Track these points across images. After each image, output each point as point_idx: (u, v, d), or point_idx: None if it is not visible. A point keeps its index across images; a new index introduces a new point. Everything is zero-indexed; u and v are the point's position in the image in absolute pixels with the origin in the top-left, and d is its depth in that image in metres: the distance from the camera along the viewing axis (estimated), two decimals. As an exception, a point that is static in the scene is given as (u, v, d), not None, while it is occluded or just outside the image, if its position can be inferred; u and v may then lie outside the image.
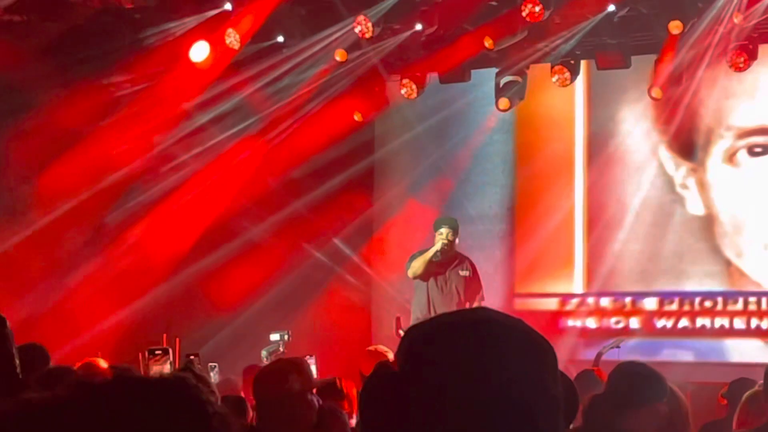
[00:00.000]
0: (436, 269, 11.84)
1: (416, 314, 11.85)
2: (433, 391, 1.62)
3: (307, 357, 10.28)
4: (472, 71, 14.09)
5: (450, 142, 14.88)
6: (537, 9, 12.10)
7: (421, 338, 1.70)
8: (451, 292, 11.72)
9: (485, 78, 14.11)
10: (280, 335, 11.32)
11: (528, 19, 12.25)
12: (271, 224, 13.85)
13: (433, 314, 11.39)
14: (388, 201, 15.05)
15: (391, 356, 8.96)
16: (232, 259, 13.52)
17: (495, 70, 13.90)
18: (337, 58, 13.30)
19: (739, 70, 12.60)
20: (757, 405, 6.41)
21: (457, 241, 12.07)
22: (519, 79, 13.78)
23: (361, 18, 12.57)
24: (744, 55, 12.48)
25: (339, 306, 13.95)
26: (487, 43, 12.82)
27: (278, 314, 13.32)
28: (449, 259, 11.90)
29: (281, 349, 10.98)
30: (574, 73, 13.47)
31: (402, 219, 14.72)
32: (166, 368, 9.35)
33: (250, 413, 6.84)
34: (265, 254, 13.63)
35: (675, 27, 12.23)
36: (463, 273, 11.88)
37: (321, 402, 6.03)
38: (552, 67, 13.42)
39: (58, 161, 12.58)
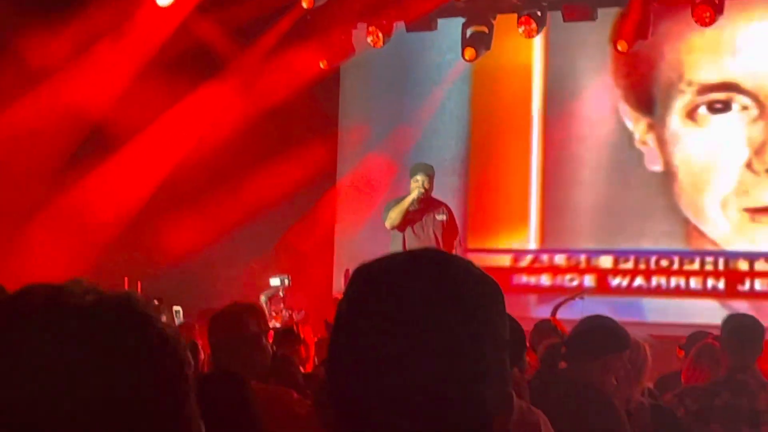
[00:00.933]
0: (413, 217, 11.46)
1: None
2: (375, 330, 1.60)
3: (300, 311, 10.24)
4: (439, 20, 14.07)
5: (414, 92, 14.82)
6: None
7: (366, 275, 1.67)
8: (429, 238, 11.36)
9: (452, 28, 14.07)
10: (281, 279, 11.28)
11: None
12: (233, 171, 13.78)
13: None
14: (351, 151, 14.99)
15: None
16: (192, 205, 13.46)
17: (462, 20, 13.89)
18: (304, 5, 13.24)
19: (704, 24, 12.59)
20: (708, 357, 6.50)
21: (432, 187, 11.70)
22: (485, 29, 13.76)
23: (328, -36, 12.54)
24: (710, 10, 12.48)
25: (300, 255, 13.93)
26: (455, -8, 12.81)
27: (238, 261, 13.32)
28: (426, 205, 11.52)
29: (281, 294, 10.88)
30: (541, 24, 13.45)
31: (364, 169, 14.68)
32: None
33: (202, 356, 6.87)
34: (227, 201, 13.58)
35: (642, -20, 12.24)
36: (440, 218, 11.50)
37: (275, 348, 6.07)
38: (518, 18, 13.40)
39: (17, 104, 12.46)
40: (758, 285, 13.39)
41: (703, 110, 13.70)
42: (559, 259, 14.22)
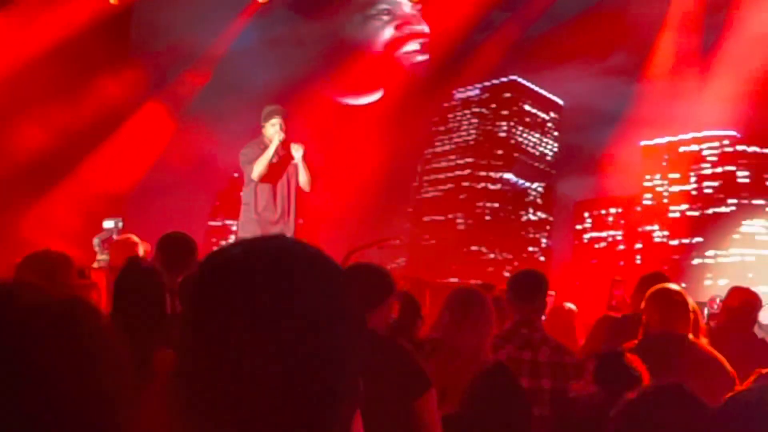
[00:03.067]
0: (278, 168, 10.68)
1: (249, 209, 10.75)
2: (225, 327, 1.61)
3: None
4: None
5: (208, 31, 14.62)
6: None
7: (217, 271, 1.69)
8: (283, 185, 10.70)
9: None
10: (114, 222, 10.99)
11: None
12: (24, 106, 13.40)
13: (262, 207, 10.65)
14: (140, 91, 14.69)
15: (140, 247, 8.92)
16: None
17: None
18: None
19: None
20: (497, 310, 6.73)
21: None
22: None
23: None
24: None
25: (86, 198, 13.65)
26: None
27: (33, 201, 13.02)
28: (285, 150, 10.73)
29: (114, 237, 10.54)
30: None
31: (152, 110, 14.44)
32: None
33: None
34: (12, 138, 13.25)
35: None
36: (295, 161, 10.72)
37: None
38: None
39: None
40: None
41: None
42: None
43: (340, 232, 12.54)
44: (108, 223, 11.14)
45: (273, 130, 10.58)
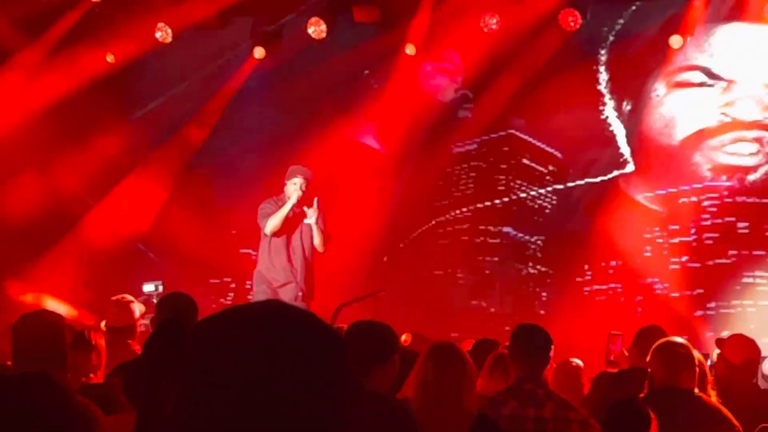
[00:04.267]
0: (291, 225, 11.26)
1: (264, 262, 11.41)
2: (210, 390, 1.62)
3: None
4: (230, 19, 14.01)
5: (207, 90, 14.58)
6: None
7: (204, 338, 1.68)
8: (299, 244, 11.31)
9: (242, 26, 14.03)
10: (155, 286, 10.96)
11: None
12: (15, 165, 13.41)
13: (276, 262, 11.26)
14: (139, 148, 14.61)
15: (135, 306, 8.85)
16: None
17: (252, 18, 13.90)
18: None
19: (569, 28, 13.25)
20: (502, 366, 6.67)
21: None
22: (276, 28, 13.82)
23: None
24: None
25: (87, 257, 13.59)
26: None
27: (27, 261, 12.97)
28: (300, 210, 11.32)
29: (155, 301, 10.46)
30: (330, 25, 13.56)
31: (152, 167, 14.38)
32: None
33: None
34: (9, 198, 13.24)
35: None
36: (308, 221, 11.31)
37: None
38: (308, 19, 13.48)
39: None
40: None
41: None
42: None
43: (339, 286, 12.55)
44: (148, 287, 11.09)
45: (293, 188, 11.11)
